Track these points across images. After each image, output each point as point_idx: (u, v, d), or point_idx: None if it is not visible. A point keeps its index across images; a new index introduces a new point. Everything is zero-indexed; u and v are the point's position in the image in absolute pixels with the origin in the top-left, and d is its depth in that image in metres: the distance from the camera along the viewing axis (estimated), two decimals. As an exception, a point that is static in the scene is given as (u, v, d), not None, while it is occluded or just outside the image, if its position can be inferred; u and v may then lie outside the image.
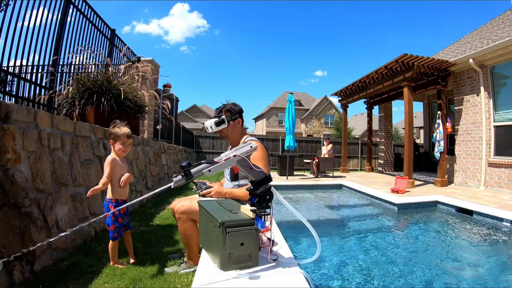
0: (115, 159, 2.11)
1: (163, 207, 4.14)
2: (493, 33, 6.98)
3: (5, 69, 2.88)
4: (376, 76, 7.84)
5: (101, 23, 4.82)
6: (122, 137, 2.12)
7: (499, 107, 6.02)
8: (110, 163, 2.06)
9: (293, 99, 7.84)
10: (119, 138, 2.12)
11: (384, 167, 10.81)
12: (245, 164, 1.20)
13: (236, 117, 2.00)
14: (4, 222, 1.65)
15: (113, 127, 2.14)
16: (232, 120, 1.98)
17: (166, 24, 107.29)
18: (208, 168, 1.15)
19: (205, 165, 1.15)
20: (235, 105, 2.05)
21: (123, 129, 2.14)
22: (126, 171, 2.19)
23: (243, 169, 1.20)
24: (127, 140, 2.15)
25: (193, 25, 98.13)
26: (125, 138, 2.13)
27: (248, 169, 1.20)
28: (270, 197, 1.19)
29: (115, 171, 2.08)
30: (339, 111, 32.61)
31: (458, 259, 2.71)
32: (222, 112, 2.00)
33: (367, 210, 4.79)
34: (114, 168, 2.08)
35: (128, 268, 2.03)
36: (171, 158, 6.77)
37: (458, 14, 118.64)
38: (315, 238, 1.20)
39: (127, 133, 2.14)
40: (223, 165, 1.17)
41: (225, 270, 1.15)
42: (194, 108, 39.57)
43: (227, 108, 2.03)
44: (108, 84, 3.63)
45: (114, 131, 2.12)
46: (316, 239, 1.21)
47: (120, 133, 2.12)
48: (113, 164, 2.08)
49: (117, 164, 2.11)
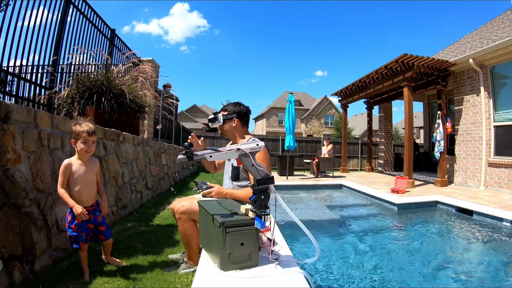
0: (70, 164, 1.85)
1: (163, 207, 4.14)
2: (493, 33, 6.98)
3: (5, 69, 2.88)
4: (376, 76, 7.84)
5: (101, 23, 4.82)
6: (83, 134, 1.85)
7: (499, 107, 6.02)
8: (63, 171, 1.81)
9: (293, 99, 7.84)
10: (80, 136, 1.85)
11: (384, 167, 10.81)
12: (247, 160, 1.22)
13: (232, 117, 2.01)
14: (4, 222, 1.65)
15: (74, 125, 1.89)
16: (227, 119, 2.01)
17: (166, 24, 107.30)
18: (210, 154, 1.22)
19: (209, 151, 1.22)
20: (235, 105, 2.07)
21: (84, 125, 1.87)
22: (93, 174, 1.95)
23: (245, 164, 1.21)
24: (89, 138, 1.88)
25: (193, 25, 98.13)
26: (86, 135, 1.86)
27: (250, 165, 1.22)
28: (265, 197, 1.19)
29: (74, 177, 1.84)
30: (339, 111, 32.61)
31: (458, 259, 2.71)
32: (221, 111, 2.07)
33: (367, 210, 4.79)
34: (71, 175, 1.84)
35: (128, 268, 2.03)
36: (171, 158, 6.77)
37: (458, 14, 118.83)
38: (312, 241, 1.20)
39: (88, 129, 1.87)
40: (224, 155, 1.23)
41: (225, 270, 1.15)
42: (194, 108, 39.58)
43: (225, 107, 2.09)
44: (108, 84, 3.63)
45: (73, 129, 1.87)
46: (313, 242, 1.20)
47: (80, 130, 1.85)
48: (67, 170, 1.83)
49: (74, 169, 1.85)
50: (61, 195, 1.80)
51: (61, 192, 1.80)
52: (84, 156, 1.90)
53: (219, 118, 1.97)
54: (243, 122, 2.06)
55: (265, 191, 1.19)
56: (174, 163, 6.99)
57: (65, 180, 1.82)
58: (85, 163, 1.91)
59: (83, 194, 1.87)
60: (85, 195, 1.88)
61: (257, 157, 1.83)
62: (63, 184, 1.81)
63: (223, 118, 1.99)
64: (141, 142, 4.61)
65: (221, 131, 2.08)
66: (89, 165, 1.93)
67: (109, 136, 3.36)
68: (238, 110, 2.04)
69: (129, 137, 3.99)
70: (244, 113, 2.06)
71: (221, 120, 1.98)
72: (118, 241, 2.57)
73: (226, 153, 1.22)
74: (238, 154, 1.22)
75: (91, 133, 1.88)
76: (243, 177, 1.99)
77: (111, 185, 3.25)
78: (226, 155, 1.23)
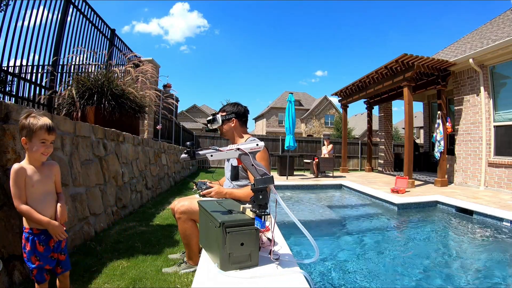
0: (23, 170, 1.33)
1: (163, 207, 4.14)
2: (493, 33, 6.98)
3: (5, 69, 2.88)
4: (376, 76, 7.84)
5: (101, 23, 4.82)
6: (40, 131, 1.34)
7: (499, 107, 6.02)
8: (16, 180, 1.31)
9: (293, 99, 7.84)
10: (36, 134, 1.33)
11: (384, 167, 10.81)
12: (247, 159, 1.25)
13: (231, 117, 2.03)
14: (4, 222, 1.65)
15: (25, 117, 1.35)
16: (226, 119, 2.02)
17: (166, 24, 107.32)
18: (211, 153, 1.27)
19: (210, 150, 1.28)
20: (233, 106, 2.08)
21: (41, 119, 1.35)
22: (52, 183, 1.43)
23: (244, 163, 1.24)
24: (47, 137, 1.36)
25: (193, 24, 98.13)
26: (44, 133, 1.34)
27: (250, 165, 1.24)
28: (265, 197, 1.19)
29: (30, 189, 1.34)
30: (339, 111, 32.60)
31: (458, 259, 2.71)
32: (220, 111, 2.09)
33: (367, 210, 4.79)
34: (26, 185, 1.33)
35: (128, 268, 2.03)
36: (171, 158, 6.77)
37: (458, 14, 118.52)
38: (311, 241, 1.20)
39: (48, 125, 1.36)
40: (224, 155, 1.28)
41: (225, 270, 1.15)
42: (194, 108, 39.57)
43: (223, 108, 2.11)
44: (108, 84, 3.63)
45: (25, 123, 1.34)
46: (312, 242, 1.20)
47: (36, 125, 1.33)
48: (22, 178, 1.32)
49: (28, 176, 1.33)
50: (26, 212, 1.31)
51: (25, 209, 1.31)
52: (39, 160, 1.38)
53: (217, 119, 1.99)
54: (241, 122, 2.08)
55: (264, 190, 1.19)
56: (174, 163, 6.99)
57: (22, 192, 1.32)
58: (39, 168, 1.38)
59: (43, 210, 1.36)
60: (47, 212, 1.37)
61: (256, 156, 1.83)
62: (22, 197, 1.32)
63: (222, 119, 2.01)
64: (141, 142, 4.61)
65: (220, 131, 2.09)
66: (44, 171, 1.40)
67: (109, 136, 3.36)
68: (236, 110, 2.05)
69: (129, 137, 3.99)
70: (242, 113, 2.07)
71: (220, 121, 2.00)
72: (118, 241, 2.58)
73: (226, 152, 1.26)
74: (238, 154, 1.26)
75: (51, 129, 1.37)
76: (242, 176, 1.99)
77: (111, 185, 3.25)
78: (226, 154, 1.27)
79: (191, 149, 1.25)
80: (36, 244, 1.33)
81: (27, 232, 1.34)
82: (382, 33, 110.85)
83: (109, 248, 2.39)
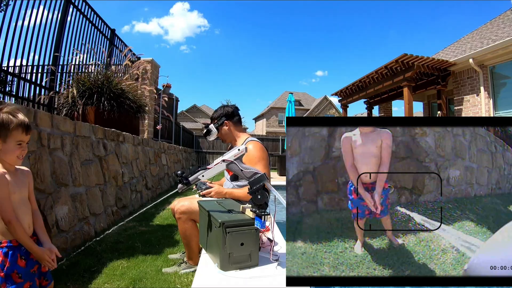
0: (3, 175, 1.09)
1: (163, 207, 4.14)
2: (493, 33, 6.98)
3: (5, 69, 2.88)
4: (376, 76, 7.84)
5: (101, 23, 4.82)
6: (16, 131, 1.10)
7: (499, 107, 6.02)
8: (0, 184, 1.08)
9: (293, 99, 7.85)
10: (12, 134, 1.09)
11: (384, 167, 10.80)
12: (234, 167, 1.30)
13: (222, 121, 2.02)
14: (4, 222, 1.65)
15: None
16: (219, 125, 2.02)
17: (166, 23, 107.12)
18: (202, 174, 1.36)
19: (199, 172, 1.36)
20: (220, 110, 2.07)
21: (17, 116, 1.11)
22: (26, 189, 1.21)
23: (234, 171, 1.30)
24: (24, 138, 1.13)
25: (193, 24, 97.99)
26: (20, 133, 1.11)
27: (239, 171, 1.29)
28: (262, 197, 1.20)
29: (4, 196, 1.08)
30: (339, 111, 32.62)
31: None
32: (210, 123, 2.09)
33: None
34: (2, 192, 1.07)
35: (128, 268, 2.03)
36: (171, 158, 6.78)
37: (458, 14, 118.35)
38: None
39: (24, 123, 1.12)
40: (214, 170, 1.35)
41: (225, 270, 1.15)
42: (194, 108, 39.57)
43: (211, 117, 2.10)
44: (108, 84, 3.64)
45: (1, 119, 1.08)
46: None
47: (12, 124, 1.09)
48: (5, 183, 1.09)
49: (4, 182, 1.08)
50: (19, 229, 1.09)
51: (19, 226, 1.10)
52: (15, 164, 1.17)
53: (212, 130, 2.01)
54: (234, 121, 2.06)
55: (260, 190, 1.20)
56: (174, 163, 7.00)
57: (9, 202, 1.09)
58: (14, 173, 1.16)
59: (22, 218, 1.15)
60: (24, 221, 1.15)
61: (255, 156, 1.84)
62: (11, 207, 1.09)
63: (215, 126, 2.02)
64: (141, 142, 4.61)
65: (221, 139, 2.10)
66: (19, 176, 1.19)
67: (109, 136, 3.36)
68: (224, 112, 2.04)
69: (129, 137, 3.99)
70: (231, 112, 2.05)
71: (215, 130, 2.02)
72: (118, 241, 2.58)
73: (214, 168, 1.34)
74: (225, 165, 1.32)
75: (28, 129, 1.15)
76: (242, 177, 1.99)
77: (111, 185, 3.25)
78: (215, 169, 1.34)
79: (182, 178, 1.35)
80: (17, 258, 1.10)
81: (5, 246, 1.09)
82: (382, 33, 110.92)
83: (109, 248, 2.39)
